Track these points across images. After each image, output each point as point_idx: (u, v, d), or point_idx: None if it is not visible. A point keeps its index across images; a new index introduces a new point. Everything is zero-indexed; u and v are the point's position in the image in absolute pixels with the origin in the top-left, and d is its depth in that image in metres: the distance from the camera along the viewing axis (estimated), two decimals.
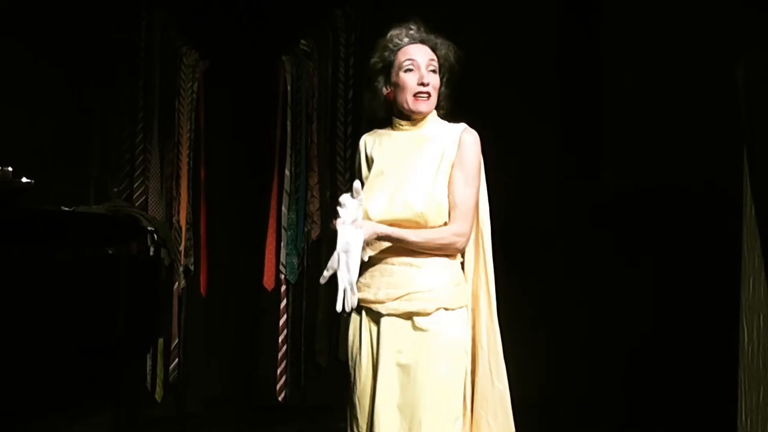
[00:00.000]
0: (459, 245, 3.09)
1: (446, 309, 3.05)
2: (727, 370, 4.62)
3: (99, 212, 4.82)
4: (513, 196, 4.98)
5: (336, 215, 3.00)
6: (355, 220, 2.97)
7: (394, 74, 3.12)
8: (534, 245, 5.56)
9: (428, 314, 3.03)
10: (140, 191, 5.87)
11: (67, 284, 3.97)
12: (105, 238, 4.47)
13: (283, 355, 6.15)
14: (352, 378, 3.10)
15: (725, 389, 4.62)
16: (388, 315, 3.03)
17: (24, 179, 4.07)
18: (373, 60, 3.18)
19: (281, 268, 6.17)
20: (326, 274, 2.95)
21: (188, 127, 6.03)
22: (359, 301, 3.00)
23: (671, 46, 5.32)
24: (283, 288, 6.17)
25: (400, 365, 3.02)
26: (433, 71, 3.11)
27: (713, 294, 4.97)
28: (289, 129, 6.17)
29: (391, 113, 3.18)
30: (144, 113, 5.90)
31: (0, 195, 4.03)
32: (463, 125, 3.15)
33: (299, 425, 5.78)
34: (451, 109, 3.20)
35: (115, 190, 5.78)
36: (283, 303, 6.16)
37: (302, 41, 6.16)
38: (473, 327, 3.12)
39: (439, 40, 3.16)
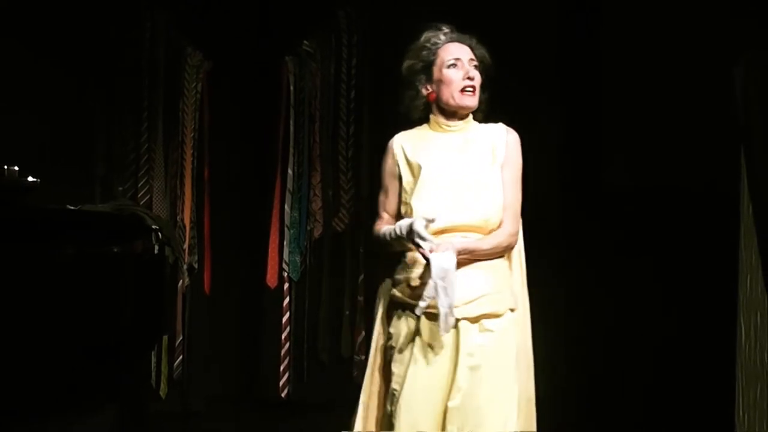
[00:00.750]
0: (513, 245, 3.12)
1: (511, 310, 3.06)
2: (724, 367, 4.66)
3: (104, 211, 4.84)
4: None
5: (413, 242, 2.94)
6: (439, 244, 2.93)
7: (436, 72, 3.08)
8: (534, 245, 5.56)
9: (499, 316, 3.01)
10: (144, 190, 5.91)
11: (72, 283, 3.98)
12: (109, 237, 4.49)
13: (285, 352, 6.18)
14: (399, 384, 3.02)
15: (723, 386, 4.66)
16: (463, 319, 2.98)
17: (30, 178, 4.09)
18: (411, 62, 3.12)
19: (284, 266, 6.19)
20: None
21: (192, 127, 6.07)
22: (416, 307, 2.95)
23: (671, 46, 5.32)
24: (286, 286, 6.19)
25: (470, 368, 2.97)
26: (476, 67, 3.09)
27: (711, 292, 4.99)
28: (291, 129, 6.20)
29: (426, 114, 3.15)
30: (148, 113, 5.94)
31: (6, 194, 4.06)
32: (502, 125, 3.15)
33: (302, 422, 5.80)
34: (488, 114, 3.18)
35: (121, 189, 5.83)
36: (286, 301, 6.19)
37: (305, 42, 6.19)
38: None
39: (474, 40, 3.15)
